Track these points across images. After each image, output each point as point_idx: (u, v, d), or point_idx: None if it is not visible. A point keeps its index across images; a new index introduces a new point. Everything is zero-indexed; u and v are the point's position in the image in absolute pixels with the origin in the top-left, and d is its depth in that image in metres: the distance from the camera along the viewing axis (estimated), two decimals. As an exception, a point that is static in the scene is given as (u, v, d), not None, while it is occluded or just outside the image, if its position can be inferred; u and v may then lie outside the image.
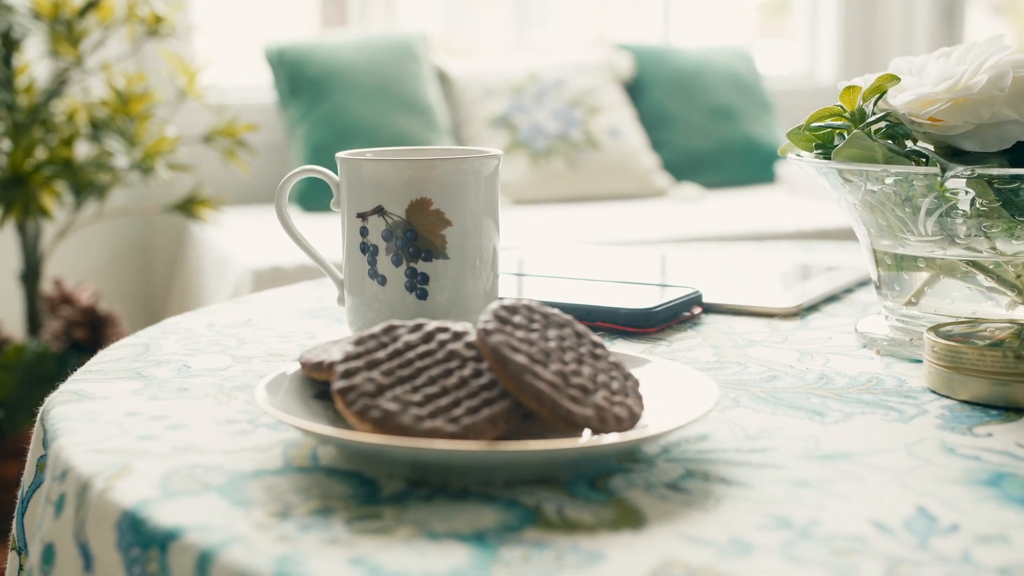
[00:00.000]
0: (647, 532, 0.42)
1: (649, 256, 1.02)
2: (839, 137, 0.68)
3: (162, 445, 0.52)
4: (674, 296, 0.78)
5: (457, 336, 0.53)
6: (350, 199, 0.71)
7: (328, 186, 0.73)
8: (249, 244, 2.13)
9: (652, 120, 2.87)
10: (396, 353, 0.51)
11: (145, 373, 0.65)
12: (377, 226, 0.69)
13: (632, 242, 2.10)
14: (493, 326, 0.51)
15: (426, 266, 0.69)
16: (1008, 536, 0.42)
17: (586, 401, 0.50)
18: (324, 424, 0.52)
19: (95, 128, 1.98)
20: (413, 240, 0.69)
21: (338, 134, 2.48)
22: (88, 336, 1.97)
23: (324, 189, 2.23)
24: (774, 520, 0.43)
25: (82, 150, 2.13)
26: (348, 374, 0.50)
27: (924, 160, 0.65)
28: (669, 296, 0.78)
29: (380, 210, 0.69)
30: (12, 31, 1.92)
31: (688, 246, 1.14)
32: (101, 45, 2.04)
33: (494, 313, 0.52)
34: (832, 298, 0.86)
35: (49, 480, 0.52)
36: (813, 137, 0.69)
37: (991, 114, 0.63)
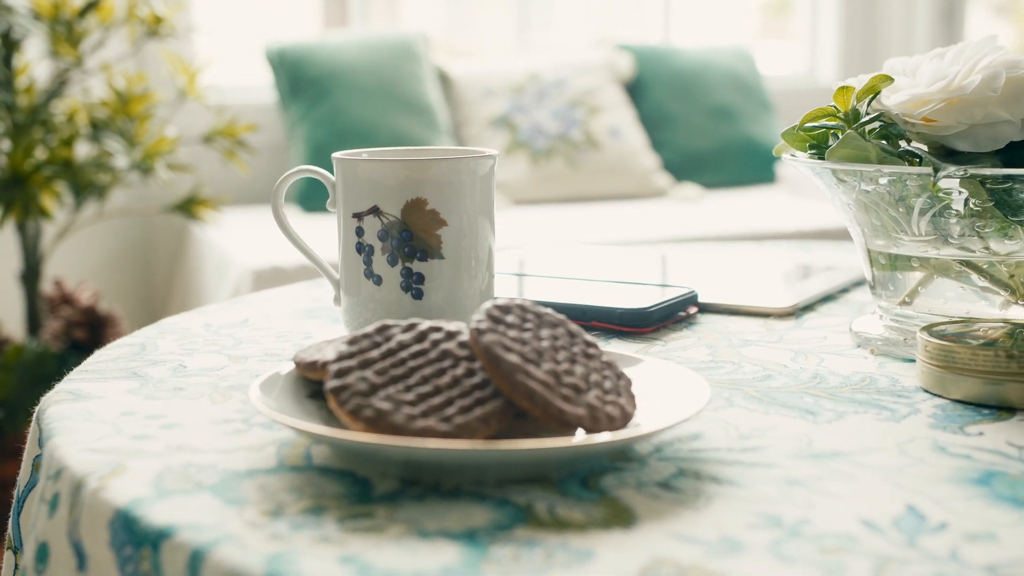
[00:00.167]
0: (637, 531, 0.43)
1: (647, 256, 1.02)
2: (833, 137, 0.68)
3: (156, 444, 0.52)
4: (670, 296, 0.78)
5: (450, 335, 0.53)
6: (346, 199, 0.71)
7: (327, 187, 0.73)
8: (249, 244, 2.13)
9: (652, 120, 2.88)
10: (389, 352, 0.51)
11: (141, 373, 0.65)
12: (373, 226, 0.70)
13: (632, 242, 2.10)
14: (486, 325, 0.51)
15: (422, 266, 0.69)
16: (996, 534, 0.42)
17: (578, 400, 0.50)
18: (317, 423, 0.52)
19: (95, 128, 1.98)
20: (408, 240, 0.69)
21: (338, 134, 2.48)
22: (88, 336, 1.98)
23: (324, 189, 2.23)
24: (764, 519, 0.44)
25: (82, 150, 2.13)
26: (341, 373, 0.50)
27: (918, 160, 0.65)
28: (665, 296, 0.78)
29: (376, 210, 0.69)
30: (12, 32, 1.93)
31: (687, 246, 1.14)
32: (101, 46, 2.04)
33: (487, 313, 0.52)
34: (828, 298, 0.86)
35: (43, 479, 0.52)
36: (807, 137, 0.70)
37: (984, 114, 0.63)
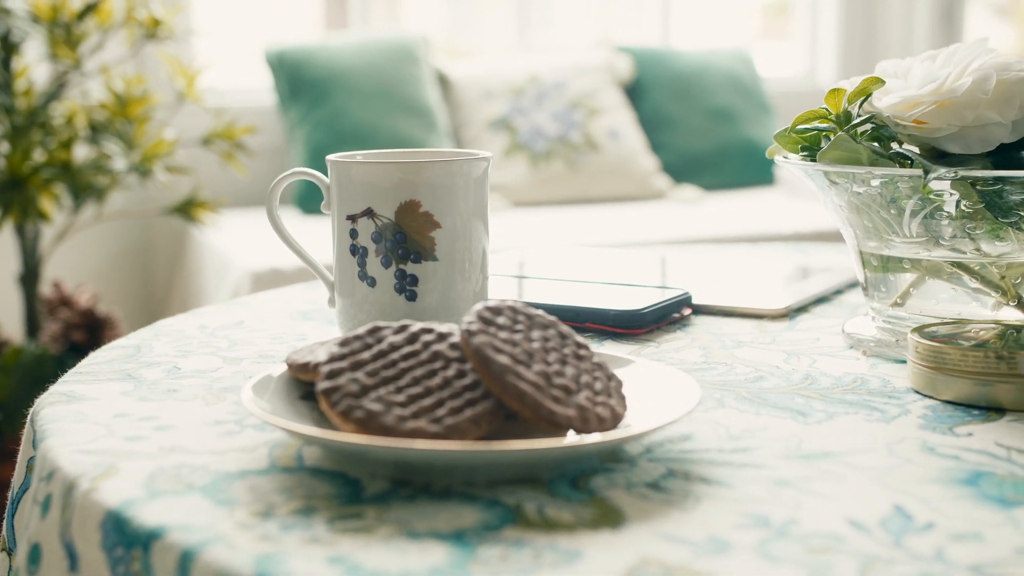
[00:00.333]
0: (625, 531, 0.43)
1: (643, 258, 1.03)
2: (825, 139, 0.68)
3: (149, 446, 0.53)
4: (663, 298, 0.78)
5: (441, 337, 0.53)
6: (340, 201, 0.71)
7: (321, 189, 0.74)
8: (248, 246, 2.13)
9: (652, 122, 2.88)
10: (381, 354, 0.51)
11: (135, 375, 0.66)
12: (367, 228, 0.70)
13: (631, 244, 2.10)
14: (477, 327, 0.51)
15: (415, 268, 0.70)
16: (982, 534, 0.42)
17: (568, 401, 0.50)
18: (309, 425, 0.52)
19: (94, 131, 1.98)
20: (402, 242, 0.69)
21: (338, 137, 2.49)
22: (87, 338, 1.98)
23: (321, 192, 2.23)
24: (752, 519, 0.44)
25: (81, 153, 2.13)
26: (332, 375, 0.50)
27: (909, 162, 0.65)
28: (658, 298, 0.78)
29: (370, 212, 0.70)
30: (11, 34, 1.93)
31: (684, 248, 1.14)
32: (100, 48, 2.04)
33: (478, 314, 0.52)
34: (822, 299, 0.86)
35: (36, 481, 0.52)
36: (800, 139, 0.70)
37: (975, 116, 0.63)
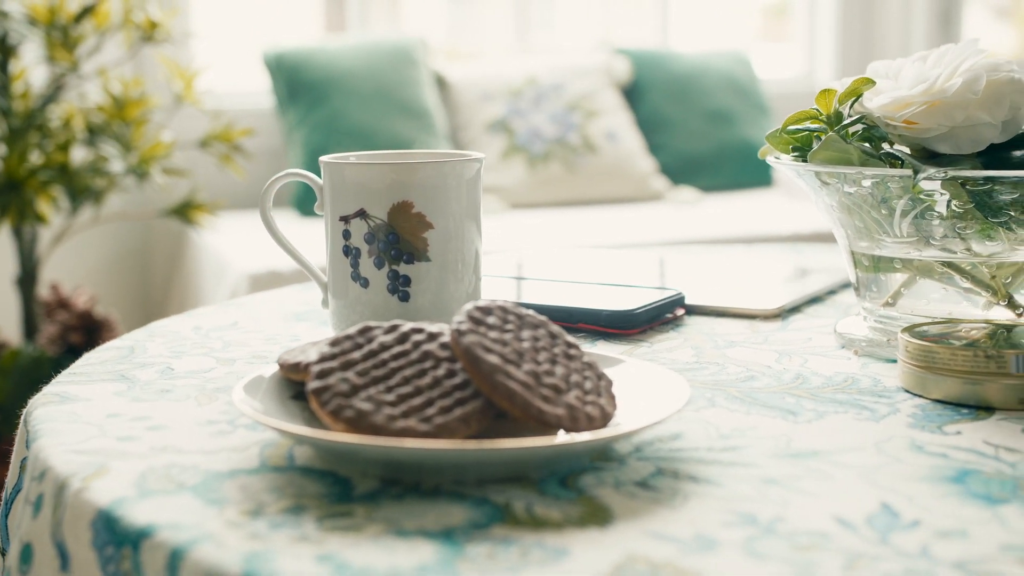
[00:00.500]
0: (613, 529, 0.43)
1: (640, 259, 1.03)
2: (816, 140, 0.68)
3: (140, 446, 0.53)
4: (656, 298, 0.78)
5: (432, 337, 0.53)
6: (333, 202, 0.71)
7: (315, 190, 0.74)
8: (246, 248, 2.14)
9: (650, 124, 2.88)
10: (371, 354, 0.52)
11: (129, 375, 0.66)
12: (359, 229, 0.70)
13: (629, 245, 2.11)
14: (467, 327, 0.51)
15: (408, 269, 0.70)
16: (967, 531, 0.42)
17: (558, 400, 0.50)
18: (300, 424, 0.52)
19: (91, 133, 1.99)
20: (395, 243, 0.70)
21: (336, 139, 2.49)
22: (84, 340, 1.98)
23: (320, 193, 2.23)
24: (739, 517, 0.44)
25: (78, 155, 2.14)
26: (323, 374, 0.50)
27: (899, 162, 0.65)
28: (651, 298, 0.78)
29: (362, 213, 0.70)
30: (8, 37, 1.93)
31: (681, 249, 1.14)
32: (97, 51, 2.04)
33: (468, 314, 0.52)
34: (815, 299, 0.86)
35: (28, 480, 0.53)
36: (791, 140, 0.70)
37: (965, 117, 0.64)
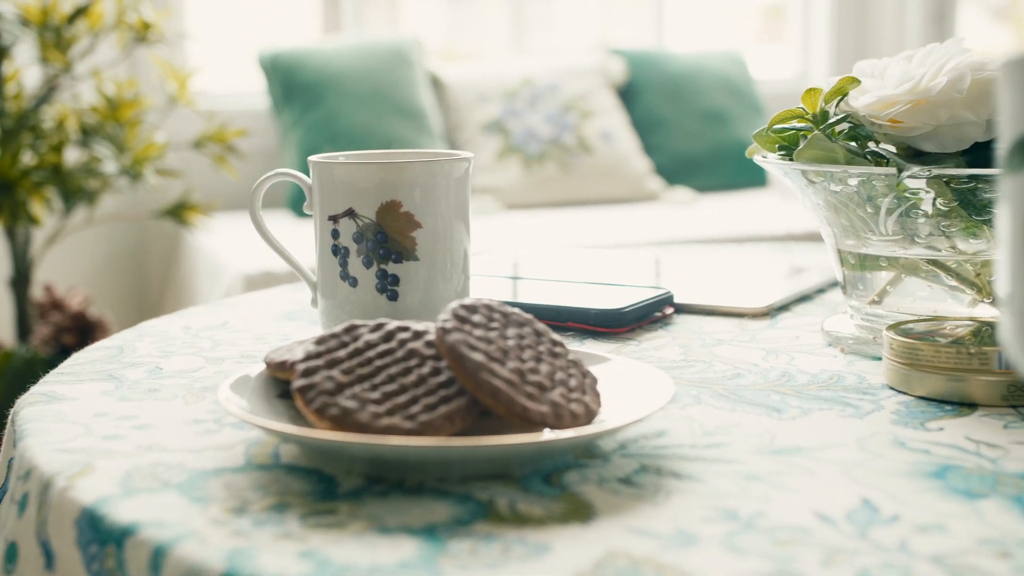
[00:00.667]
0: (595, 525, 0.43)
1: (632, 258, 1.03)
2: (803, 139, 0.69)
3: (126, 444, 0.53)
4: (645, 297, 0.79)
5: (417, 335, 0.53)
6: (322, 202, 0.72)
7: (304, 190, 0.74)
8: (241, 249, 2.14)
9: (645, 124, 2.89)
10: (356, 352, 0.52)
11: (117, 375, 0.66)
12: (348, 228, 0.70)
13: (624, 246, 2.11)
14: (451, 325, 0.51)
15: (396, 268, 0.70)
16: (946, 526, 0.42)
17: (542, 398, 0.50)
18: (285, 422, 0.52)
19: (84, 134, 1.99)
20: (383, 242, 0.70)
21: (331, 139, 2.49)
22: (78, 341, 1.98)
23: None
24: (720, 512, 0.44)
25: (71, 156, 2.14)
26: (308, 373, 0.50)
27: (885, 161, 0.66)
28: (640, 297, 0.79)
29: (351, 212, 0.70)
30: (1, 38, 1.93)
31: (673, 248, 1.15)
32: (91, 51, 2.05)
33: (453, 312, 0.52)
34: (804, 298, 0.87)
35: (14, 480, 0.53)
36: (778, 139, 0.70)
37: (949, 115, 0.64)
